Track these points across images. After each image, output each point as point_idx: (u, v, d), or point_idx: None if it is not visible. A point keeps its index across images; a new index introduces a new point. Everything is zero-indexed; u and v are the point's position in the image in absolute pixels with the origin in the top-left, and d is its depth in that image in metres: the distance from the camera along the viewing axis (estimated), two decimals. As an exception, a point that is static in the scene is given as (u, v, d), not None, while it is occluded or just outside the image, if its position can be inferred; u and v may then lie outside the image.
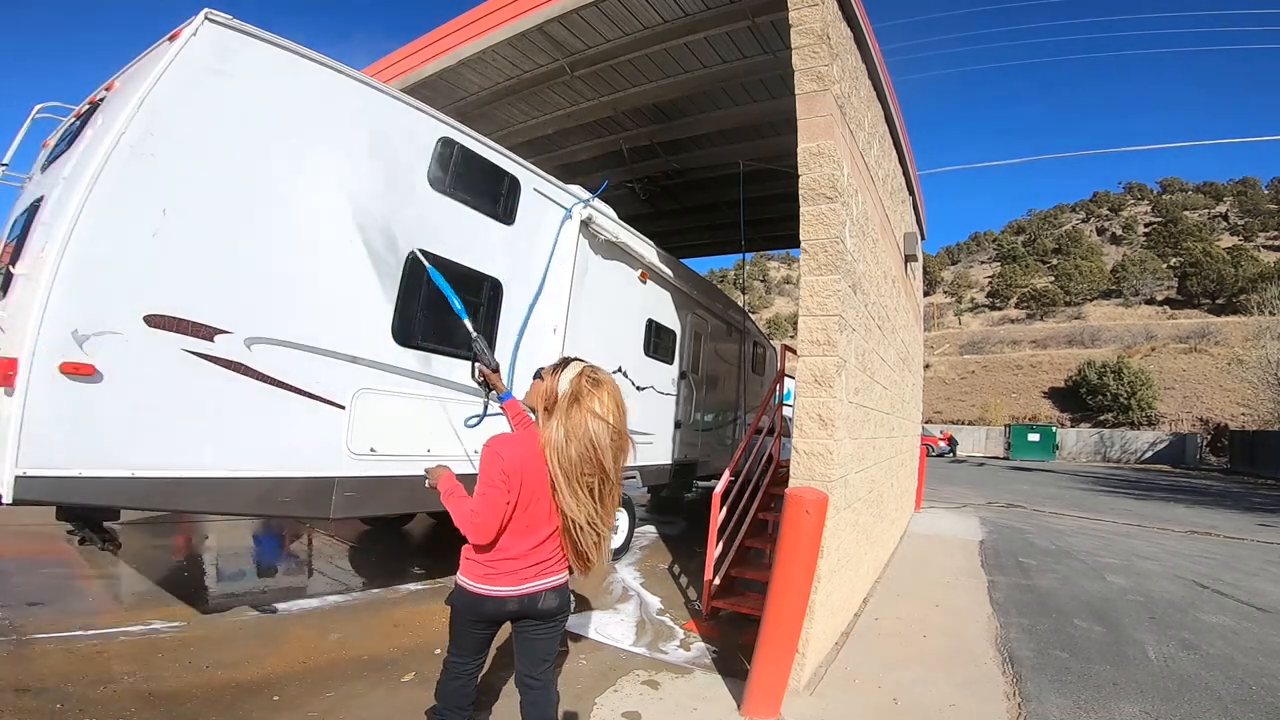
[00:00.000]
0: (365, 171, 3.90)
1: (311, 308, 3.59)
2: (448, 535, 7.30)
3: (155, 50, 3.45)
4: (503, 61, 6.88)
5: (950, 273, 70.90)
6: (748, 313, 10.77)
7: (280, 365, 3.41)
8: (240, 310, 3.27)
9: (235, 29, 3.37)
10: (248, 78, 3.40)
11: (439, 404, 4.25)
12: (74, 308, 2.78)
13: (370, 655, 3.48)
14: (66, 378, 2.74)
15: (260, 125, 3.45)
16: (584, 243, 5.47)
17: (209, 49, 3.26)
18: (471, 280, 4.51)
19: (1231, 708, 3.53)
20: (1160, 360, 39.08)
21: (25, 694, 2.67)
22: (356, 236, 3.82)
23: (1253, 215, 61.49)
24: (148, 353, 2.96)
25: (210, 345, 3.15)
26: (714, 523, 4.68)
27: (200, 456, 3.15)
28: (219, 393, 3.19)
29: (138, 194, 2.99)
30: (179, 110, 3.15)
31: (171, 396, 3.05)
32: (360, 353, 3.80)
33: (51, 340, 2.71)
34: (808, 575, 3.16)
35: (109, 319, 2.86)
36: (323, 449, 3.63)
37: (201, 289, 3.15)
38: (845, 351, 3.82)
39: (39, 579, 4.23)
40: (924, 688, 3.55)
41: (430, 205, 4.25)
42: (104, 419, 2.86)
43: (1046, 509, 12.62)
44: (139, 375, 2.94)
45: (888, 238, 5.79)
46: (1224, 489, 20.07)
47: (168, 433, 3.05)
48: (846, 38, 4.36)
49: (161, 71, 3.10)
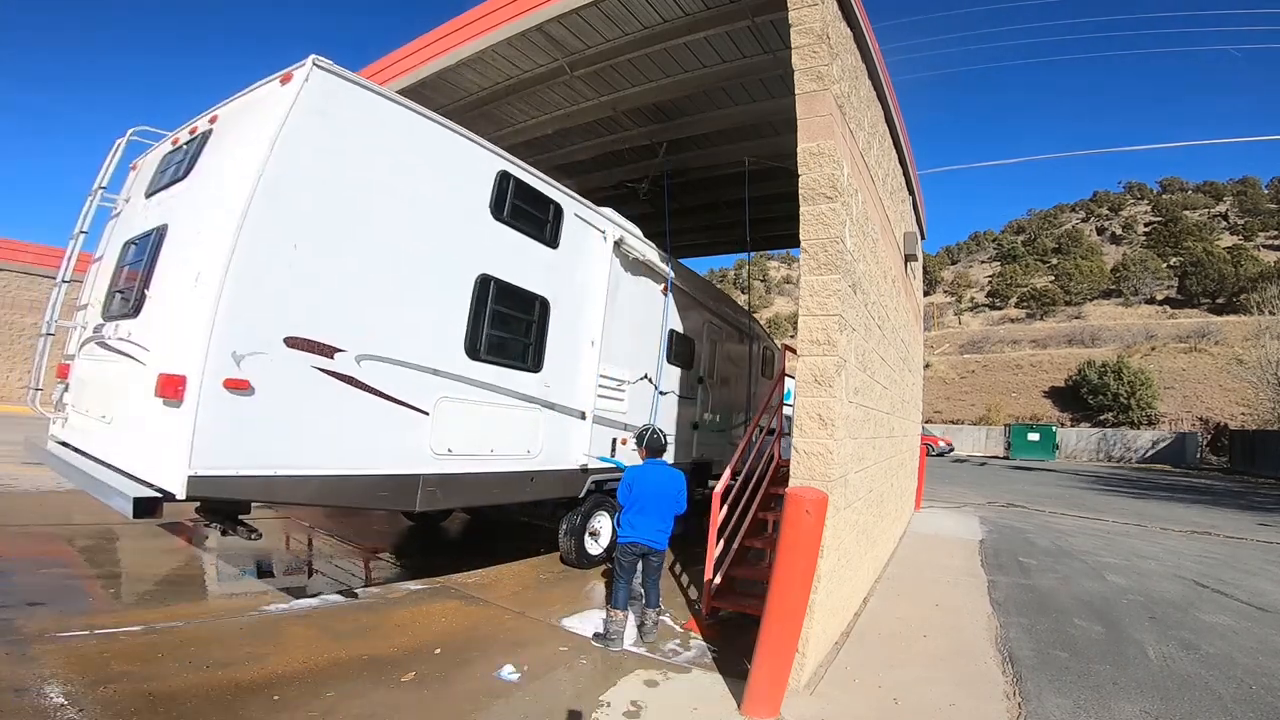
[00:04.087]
0: (442, 203, 4.38)
1: (403, 327, 4.09)
2: (448, 535, 7.31)
3: (263, 89, 3.86)
4: (502, 61, 6.87)
5: (950, 273, 70.86)
6: (754, 317, 10.92)
7: (381, 378, 3.92)
8: (351, 330, 3.76)
9: (338, 74, 3.76)
10: (348, 120, 3.82)
11: (501, 409, 4.82)
12: (234, 332, 3.23)
13: (370, 655, 3.48)
14: (228, 392, 3.21)
15: (359, 164, 3.86)
16: (615, 262, 5.93)
17: (317, 93, 3.63)
18: (525, 299, 5.03)
19: (1231, 707, 3.53)
20: (1160, 360, 39.05)
21: (25, 694, 2.67)
22: (437, 262, 4.34)
23: (1253, 215, 61.45)
24: (287, 369, 3.45)
25: (331, 362, 3.65)
26: (714, 522, 4.68)
27: (324, 457, 3.65)
28: (337, 402, 3.69)
29: (276, 231, 3.42)
30: (300, 152, 3.54)
31: (303, 406, 3.55)
32: (441, 366, 4.32)
33: (217, 360, 3.17)
34: (808, 575, 3.16)
35: (259, 341, 3.34)
36: (412, 450, 4.14)
37: (323, 313, 3.63)
38: (845, 351, 3.82)
39: (39, 579, 4.22)
40: (924, 687, 3.55)
41: (491, 232, 4.73)
42: (254, 426, 3.33)
43: (1046, 508, 12.62)
44: (280, 389, 3.41)
45: (888, 237, 5.79)
46: (1224, 488, 20.06)
47: (300, 437, 3.54)
48: (846, 37, 4.35)
49: (285, 115, 3.48)
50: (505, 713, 2.99)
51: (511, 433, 4.91)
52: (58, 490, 7.13)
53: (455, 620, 4.21)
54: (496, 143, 5.16)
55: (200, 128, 4.30)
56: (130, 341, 3.82)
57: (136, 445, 3.50)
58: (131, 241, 4.42)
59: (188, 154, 4.25)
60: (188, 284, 3.40)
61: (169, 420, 3.20)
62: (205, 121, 4.27)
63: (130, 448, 3.56)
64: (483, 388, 4.64)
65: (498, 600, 4.69)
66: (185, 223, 3.82)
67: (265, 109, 3.64)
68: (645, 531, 4.04)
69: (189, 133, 4.42)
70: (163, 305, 3.68)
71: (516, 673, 3.37)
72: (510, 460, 4.94)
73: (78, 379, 4.58)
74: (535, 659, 3.61)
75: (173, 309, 3.55)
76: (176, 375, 3.18)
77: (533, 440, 5.14)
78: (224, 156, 3.85)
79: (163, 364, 3.33)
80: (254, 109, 3.81)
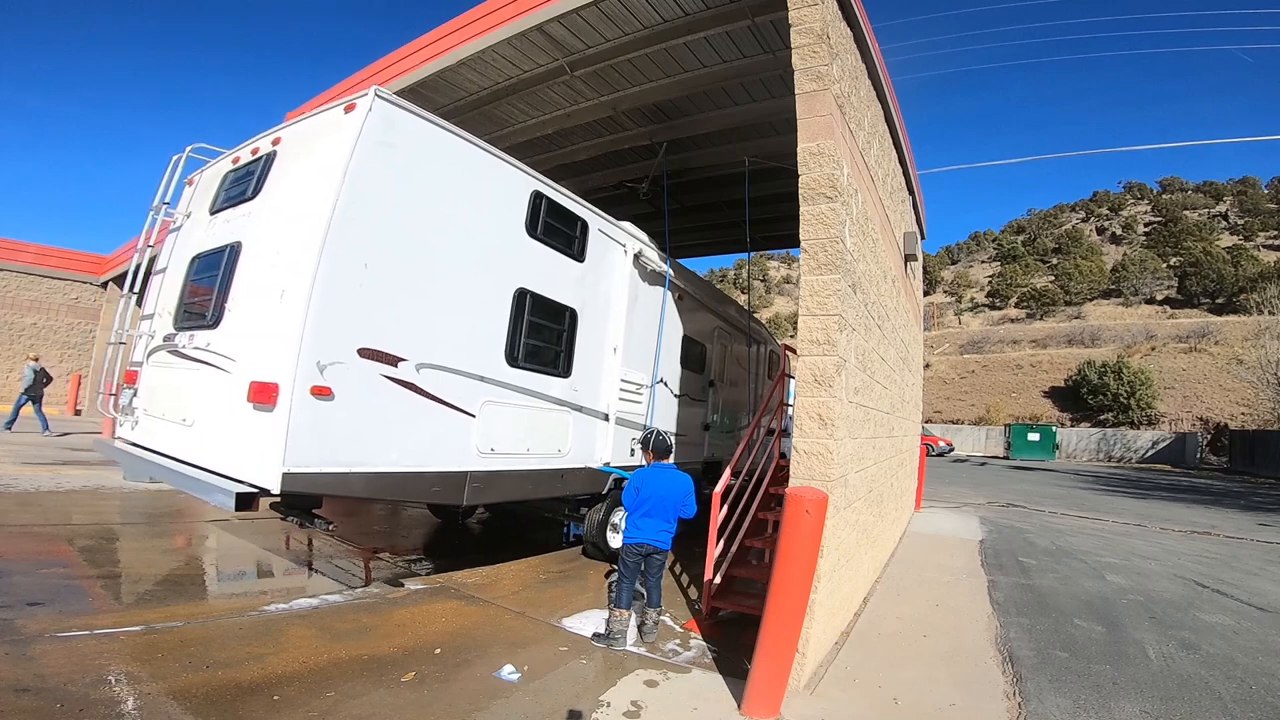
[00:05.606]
0: (486, 222, 4.72)
1: (454, 337, 4.45)
2: (450, 535, 7.31)
3: (325, 116, 4.18)
4: (502, 61, 6.87)
5: (950, 272, 70.87)
6: (760, 320, 11.10)
7: (436, 384, 4.27)
8: (411, 341, 4.10)
9: (397, 104, 4.08)
10: (406, 147, 4.13)
11: (536, 412, 5.19)
12: (318, 344, 3.58)
13: (370, 655, 3.48)
14: (314, 397, 3.56)
15: (416, 188, 4.17)
16: (634, 273, 6.26)
17: (380, 122, 3.94)
18: (556, 311, 5.39)
19: (1231, 707, 3.53)
20: (1160, 360, 39.03)
21: (25, 694, 2.67)
22: (482, 277, 4.69)
23: (1253, 215, 61.44)
24: (360, 377, 3.81)
25: (395, 370, 4.00)
26: (714, 522, 4.68)
27: (390, 455, 4.01)
28: (400, 407, 4.04)
29: (350, 252, 3.76)
30: (368, 179, 3.86)
31: (373, 410, 3.90)
32: (485, 372, 4.67)
33: (305, 369, 3.52)
34: (808, 575, 3.16)
35: (338, 352, 3.69)
36: (461, 449, 4.50)
37: (389, 325, 3.97)
38: (845, 351, 3.82)
39: (39, 579, 4.22)
40: (924, 687, 3.55)
41: (527, 249, 5.07)
42: (333, 427, 3.68)
43: (1046, 508, 12.62)
44: (355, 394, 3.77)
45: (887, 237, 5.79)
46: (1224, 488, 20.06)
47: (371, 437, 3.90)
48: (846, 37, 4.35)
49: (353, 145, 3.78)
50: (505, 713, 2.98)
51: (545, 433, 5.28)
52: (57, 490, 7.13)
53: (455, 620, 4.21)
54: (496, 143, 5.21)
55: (262, 149, 4.61)
56: (211, 351, 4.14)
57: (226, 446, 3.80)
58: (200, 256, 4.73)
59: (252, 174, 4.56)
60: (272, 300, 3.75)
61: (262, 423, 3.55)
62: (268, 143, 4.59)
63: (218, 448, 3.86)
64: (520, 392, 5.00)
65: (498, 600, 4.69)
66: (261, 242, 4.17)
67: (332, 136, 3.97)
68: (651, 532, 4.06)
69: (250, 153, 4.73)
70: (246, 318, 4.03)
71: (516, 673, 3.37)
72: (544, 459, 5.31)
73: (148, 384, 4.86)
74: (535, 659, 3.61)
75: (258, 322, 3.89)
76: (269, 383, 3.54)
77: (563, 440, 5.51)
78: (295, 180, 4.19)
79: (254, 372, 3.67)
80: (319, 135, 4.14)
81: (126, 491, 7.52)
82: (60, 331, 18.99)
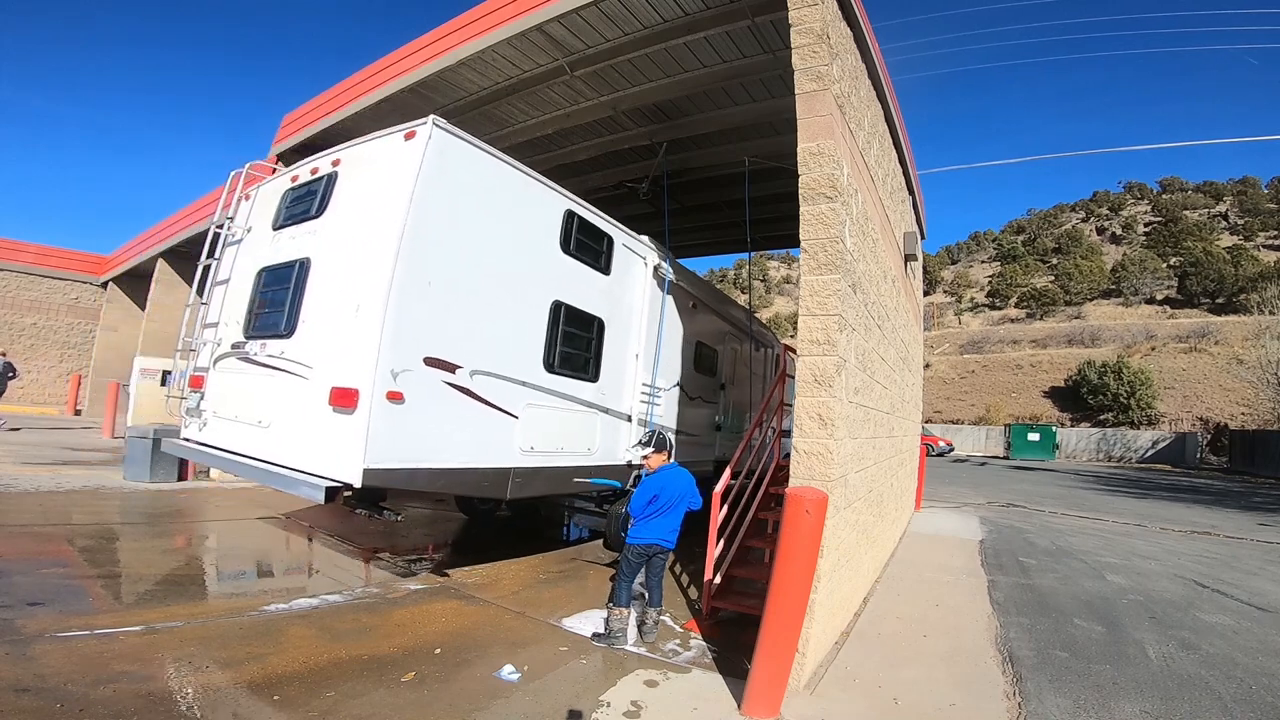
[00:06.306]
0: (527, 240, 5.12)
1: (501, 345, 4.83)
2: (450, 535, 7.30)
3: (385, 141, 4.54)
4: (502, 61, 6.87)
5: (950, 272, 70.83)
6: (766, 325, 11.25)
7: (487, 389, 4.66)
8: (466, 350, 4.48)
9: (451, 132, 4.42)
10: (461, 172, 4.49)
11: (568, 413, 5.55)
12: (393, 354, 3.97)
13: (370, 655, 3.48)
14: (389, 402, 3.95)
15: (470, 210, 4.55)
16: (653, 284, 6.66)
17: (436, 151, 4.28)
18: (587, 320, 5.76)
19: (1231, 707, 3.53)
20: (1160, 360, 39.00)
21: (25, 694, 2.67)
22: (524, 291, 5.08)
23: (1253, 215, 61.40)
24: (425, 383, 4.19)
25: (453, 376, 4.39)
26: (714, 522, 4.68)
27: (450, 453, 4.41)
28: (458, 409, 4.44)
29: (418, 270, 4.13)
30: (431, 204, 4.22)
31: (436, 413, 4.29)
32: (527, 378, 5.04)
33: (382, 377, 3.91)
34: (808, 575, 3.16)
35: (408, 361, 4.08)
36: (506, 447, 4.88)
37: (448, 336, 4.36)
38: (845, 351, 3.82)
39: (39, 579, 4.22)
40: (924, 687, 3.55)
41: (561, 264, 5.43)
42: (404, 428, 4.06)
43: (1046, 508, 12.62)
44: (421, 398, 4.14)
45: (887, 237, 5.79)
46: (1224, 488, 20.06)
47: (434, 437, 4.29)
48: (846, 37, 4.35)
49: (417, 172, 4.15)
50: (505, 713, 2.98)
51: (576, 433, 5.66)
52: (57, 490, 7.13)
53: (455, 620, 4.21)
54: (496, 143, 5.25)
55: (322, 169, 4.99)
56: (286, 359, 4.53)
57: (308, 445, 4.18)
58: (268, 270, 5.10)
59: (314, 193, 4.93)
60: (348, 314, 4.18)
61: (344, 425, 3.95)
62: (327, 163, 4.97)
63: (299, 448, 4.24)
64: (556, 395, 5.37)
65: (498, 600, 4.69)
66: (331, 259, 4.59)
67: (393, 162, 4.35)
68: (661, 532, 4.06)
69: (310, 172, 5.10)
70: (321, 329, 4.43)
71: (516, 673, 3.37)
72: (575, 456, 5.67)
73: (216, 389, 5.23)
74: (535, 659, 3.61)
75: (335, 333, 4.28)
76: (350, 389, 3.93)
77: (591, 439, 5.87)
78: (361, 203, 4.57)
79: (334, 379, 4.06)
80: (381, 159, 4.53)
81: (126, 491, 7.53)
82: (60, 331, 18.98)
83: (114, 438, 12.40)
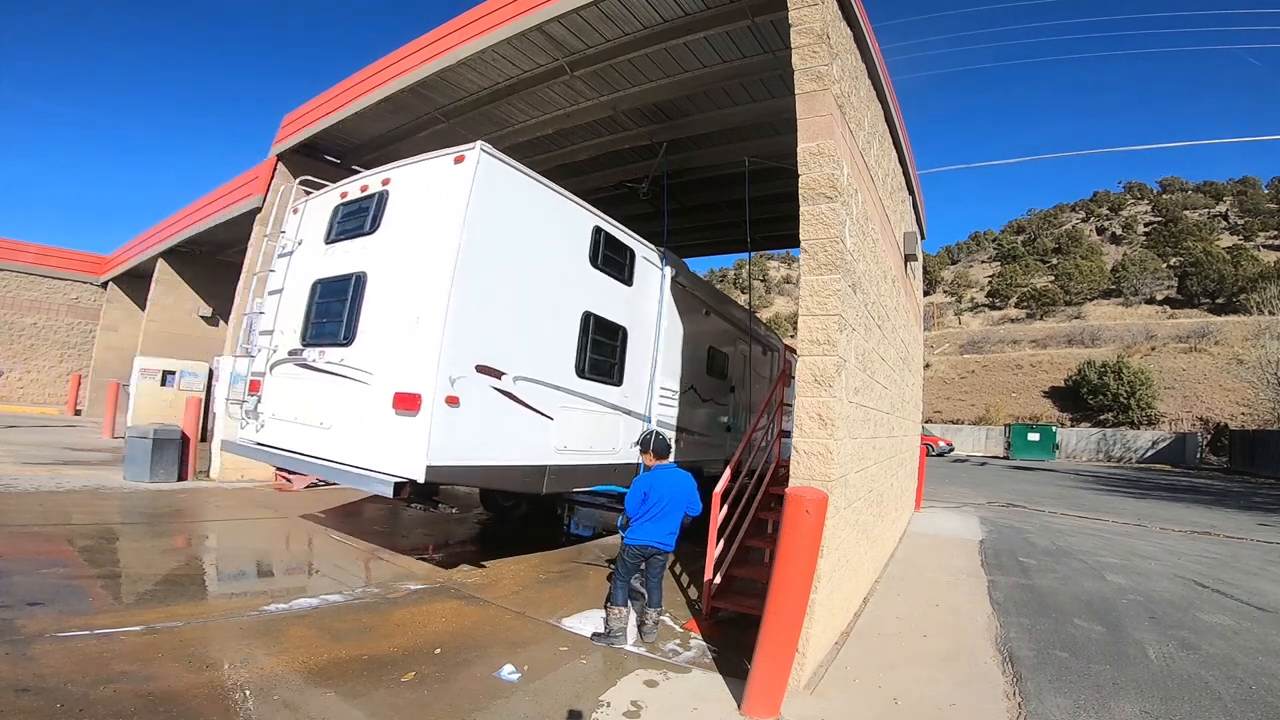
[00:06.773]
0: (561, 256, 5.46)
1: (540, 353, 5.18)
2: (448, 535, 7.30)
3: (435, 163, 4.85)
4: (502, 61, 6.88)
5: (950, 272, 70.82)
6: (772, 329, 11.34)
7: (528, 393, 5.00)
8: (510, 357, 4.82)
9: (495, 156, 4.74)
10: (505, 194, 4.83)
11: (597, 415, 5.90)
12: (451, 362, 4.33)
13: (370, 655, 3.48)
14: (447, 406, 4.30)
15: (513, 229, 4.89)
16: (669, 293, 6.95)
17: (484, 175, 4.60)
18: (613, 329, 6.11)
19: (1231, 707, 3.53)
20: (1160, 360, 38.99)
21: (25, 694, 2.67)
22: (559, 303, 5.43)
23: (1253, 215, 61.39)
24: (477, 388, 4.54)
25: (500, 382, 4.74)
26: (714, 522, 4.68)
27: (497, 452, 4.77)
28: (503, 412, 4.79)
29: (470, 285, 4.46)
30: (481, 224, 4.55)
31: (485, 415, 4.63)
32: (562, 383, 5.40)
33: (442, 383, 4.26)
34: (808, 575, 3.16)
35: (463, 368, 4.43)
36: (543, 447, 5.22)
37: (496, 345, 4.72)
38: (845, 351, 3.82)
39: (39, 579, 4.22)
40: (924, 687, 3.55)
41: (590, 277, 5.78)
42: (460, 429, 4.40)
43: (1046, 508, 12.62)
44: (473, 402, 4.49)
45: (887, 237, 5.79)
46: (1224, 488, 20.06)
47: (484, 437, 4.64)
48: (846, 37, 4.35)
49: (468, 195, 4.48)
50: (505, 713, 2.98)
51: (603, 433, 6.01)
52: (58, 490, 7.14)
53: (455, 620, 4.21)
54: (496, 143, 5.28)
55: (371, 186, 5.30)
56: (346, 365, 4.87)
57: (372, 445, 4.51)
58: (323, 282, 5.40)
59: (366, 210, 5.25)
60: (408, 324, 4.50)
61: (407, 426, 4.28)
62: (377, 181, 5.28)
63: (363, 447, 4.57)
64: (586, 399, 5.71)
65: (498, 600, 4.70)
66: (388, 273, 4.90)
67: (445, 185, 4.66)
68: (657, 534, 4.05)
69: (360, 189, 5.41)
70: (380, 339, 4.75)
71: (516, 673, 3.37)
72: (601, 455, 6.01)
73: (274, 393, 5.56)
74: (535, 659, 3.61)
75: (395, 343, 4.60)
76: (413, 393, 4.27)
77: (615, 440, 6.18)
78: (414, 222, 4.87)
79: (397, 384, 4.40)
80: (431, 181, 4.84)
81: (127, 491, 7.53)
82: (60, 331, 18.98)
83: (114, 438, 12.40)
